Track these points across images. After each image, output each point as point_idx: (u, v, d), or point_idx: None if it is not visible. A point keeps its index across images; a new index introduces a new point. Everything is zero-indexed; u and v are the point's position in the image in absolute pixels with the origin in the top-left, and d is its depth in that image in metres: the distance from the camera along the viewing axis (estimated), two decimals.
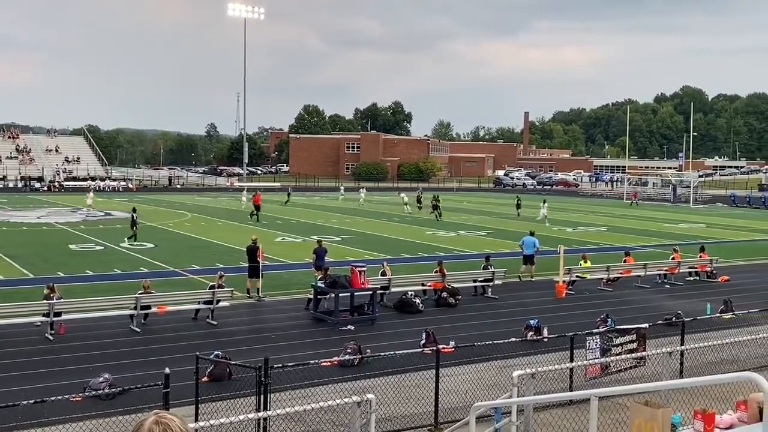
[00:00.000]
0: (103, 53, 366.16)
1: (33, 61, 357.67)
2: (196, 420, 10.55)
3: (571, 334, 13.87)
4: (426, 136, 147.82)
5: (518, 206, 53.13)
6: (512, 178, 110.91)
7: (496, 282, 23.50)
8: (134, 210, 35.47)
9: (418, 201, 54.14)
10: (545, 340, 16.82)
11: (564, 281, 23.98)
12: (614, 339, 13.88)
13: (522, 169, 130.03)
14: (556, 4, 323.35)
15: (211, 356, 13.93)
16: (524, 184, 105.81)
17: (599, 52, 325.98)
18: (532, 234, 27.17)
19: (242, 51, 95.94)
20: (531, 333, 17.60)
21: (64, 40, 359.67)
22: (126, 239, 33.51)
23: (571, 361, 13.20)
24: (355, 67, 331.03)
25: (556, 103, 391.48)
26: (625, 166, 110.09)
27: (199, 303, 19.39)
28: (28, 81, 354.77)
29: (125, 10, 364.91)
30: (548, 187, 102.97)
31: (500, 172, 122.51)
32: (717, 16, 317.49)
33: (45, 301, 17.49)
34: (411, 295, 21.34)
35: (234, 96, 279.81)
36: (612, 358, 13.29)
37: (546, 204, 49.02)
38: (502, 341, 14.43)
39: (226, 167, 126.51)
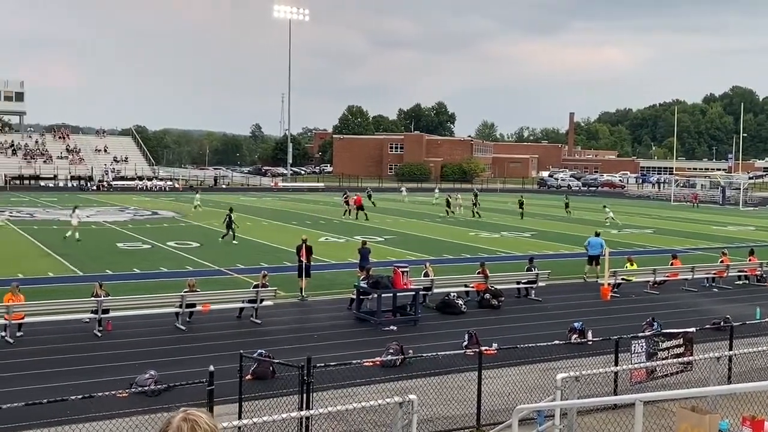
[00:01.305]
0: (151, 55, 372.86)
1: (83, 63, 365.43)
2: (240, 417, 10.66)
3: (616, 337, 13.68)
4: (469, 136, 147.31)
5: (567, 206, 54.20)
6: (557, 179, 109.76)
7: (540, 284, 23.28)
8: (231, 210, 36.10)
9: (447, 204, 52.91)
10: (590, 343, 16.63)
11: (609, 284, 23.67)
12: (660, 343, 13.66)
13: (567, 170, 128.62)
14: (598, 3, 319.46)
15: (255, 354, 14.05)
16: (569, 185, 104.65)
17: (644, 51, 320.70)
18: (597, 234, 26.85)
19: (287, 52, 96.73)
20: (575, 336, 17.41)
21: (113, 42, 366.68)
22: (221, 238, 34.18)
23: (616, 364, 13.01)
24: (398, 68, 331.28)
25: (601, 104, 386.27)
26: (672, 168, 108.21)
27: (243, 302, 19.60)
28: (77, 82, 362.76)
29: (172, 13, 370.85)
30: (593, 188, 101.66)
31: (545, 173, 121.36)
32: (765, 17, 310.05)
33: (93, 299, 17.85)
34: (453, 296, 21.27)
35: (279, 97, 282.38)
36: (658, 362, 13.09)
37: (607, 208, 49.87)
38: (545, 344, 14.30)
39: (270, 167, 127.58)
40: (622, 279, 24.47)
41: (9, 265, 26.50)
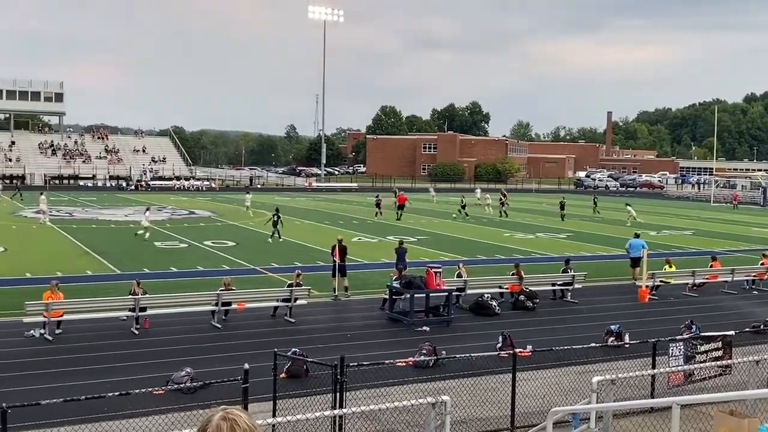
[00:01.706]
0: (189, 57, 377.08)
1: (122, 64, 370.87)
2: (274, 415, 10.72)
3: (653, 340, 13.49)
4: (504, 136, 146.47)
5: (595, 205, 54.48)
6: (594, 179, 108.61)
7: (576, 286, 23.05)
8: (277, 210, 36.59)
9: (462, 207, 51.44)
10: (626, 346, 16.43)
11: (647, 286, 23.35)
12: (699, 346, 13.45)
13: (604, 170, 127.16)
14: (637, 0, 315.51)
15: (289, 353, 14.12)
16: (606, 185, 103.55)
17: (684, 50, 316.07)
18: (637, 236, 26.49)
19: (321, 53, 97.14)
20: (612, 338, 17.20)
21: (151, 44, 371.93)
22: (269, 238, 34.64)
23: (653, 367, 12.83)
24: (432, 68, 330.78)
25: (640, 103, 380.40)
26: (712, 168, 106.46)
27: (277, 301, 19.72)
28: (116, 84, 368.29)
29: (208, 15, 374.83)
30: (632, 189, 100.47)
31: (581, 174, 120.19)
32: None
33: (131, 297, 18.09)
34: (487, 297, 21.15)
35: (313, 97, 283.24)
36: (696, 365, 12.88)
37: (630, 207, 49.17)
38: (581, 346, 14.15)
39: (304, 167, 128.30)
40: (661, 281, 24.12)
41: (49, 263, 27.00)
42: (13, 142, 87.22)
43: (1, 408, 8.36)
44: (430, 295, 19.85)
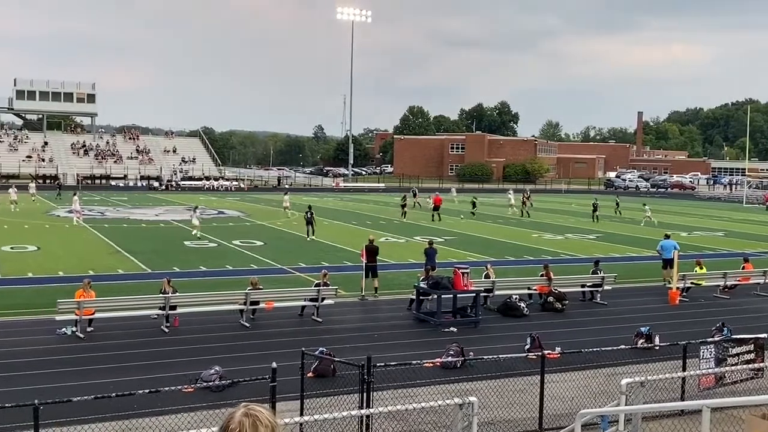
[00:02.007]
0: (216, 58, 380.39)
1: (151, 65, 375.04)
2: (301, 414, 10.77)
3: (684, 342, 13.33)
4: (533, 136, 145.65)
5: (617, 204, 54.05)
6: (624, 180, 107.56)
7: (606, 287, 22.84)
8: (310, 207, 37.31)
9: (473, 206, 51.12)
10: (656, 348, 16.25)
11: (678, 288, 23.08)
12: (730, 349, 13.26)
13: (635, 170, 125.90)
14: (667, 0, 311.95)
15: (316, 352, 14.17)
16: (637, 186, 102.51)
17: (715, 49, 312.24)
18: (667, 237, 26.17)
19: (349, 53, 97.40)
20: (641, 341, 17.03)
21: (179, 45, 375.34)
22: (308, 238, 35.24)
23: (684, 370, 12.68)
24: (460, 68, 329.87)
25: (671, 103, 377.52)
26: (744, 169, 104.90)
27: (305, 300, 19.81)
28: (147, 85, 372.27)
29: (236, 16, 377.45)
30: (662, 189, 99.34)
31: (612, 174, 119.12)
32: None
33: (161, 295, 18.28)
34: (516, 298, 21.05)
35: (341, 98, 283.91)
36: (727, 368, 12.70)
37: (647, 206, 48.96)
38: (610, 348, 14.02)
39: (332, 168, 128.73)
40: (691, 283, 23.82)
41: (81, 262, 27.38)
42: (46, 143, 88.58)
43: (33, 404, 8.50)
44: (458, 295, 19.80)
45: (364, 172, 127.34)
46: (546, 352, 13.71)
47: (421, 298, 20.10)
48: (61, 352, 15.88)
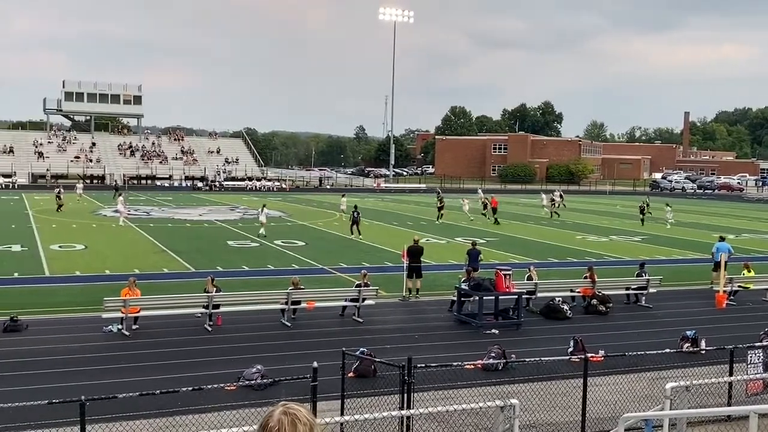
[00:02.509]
0: (259, 59, 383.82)
1: (196, 67, 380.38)
2: (342, 414, 10.80)
3: (731, 347, 13.05)
4: (577, 137, 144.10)
5: (647, 205, 52.66)
6: (670, 181, 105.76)
7: (651, 290, 22.49)
8: (356, 207, 38.19)
9: (484, 206, 49.27)
10: (702, 352, 15.94)
11: (725, 291, 22.61)
12: None
13: (681, 171, 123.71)
14: None
15: (357, 353, 14.19)
16: (683, 187, 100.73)
17: (764, 48, 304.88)
18: (722, 239, 25.64)
19: (391, 54, 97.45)
20: (687, 344, 16.72)
21: (222, 47, 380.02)
22: (358, 236, 35.91)
23: (731, 375, 12.41)
24: (503, 67, 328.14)
25: (719, 103, 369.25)
26: None
27: (345, 300, 19.87)
28: (191, 86, 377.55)
29: (278, 17, 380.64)
30: (710, 191, 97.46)
31: (657, 175, 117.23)
32: None
33: (205, 294, 18.50)
34: (558, 301, 20.84)
35: (382, 99, 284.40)
36: None
37: (669, 207, 48.17)
38: (655, 352, 13.80)
39: (373, 168, 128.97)
40: (739, 286, 23.32)
41: (126, 261, 27.87)
42: (93, 144, 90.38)
43: (79, 401, 8.66)
44: (500, 297, 19.66)
45: (405, 173, 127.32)
46: (589, 355, 13.55)
47: (462, 299, 20.00)
48: (107, 349, 16.16)
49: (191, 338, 17.21)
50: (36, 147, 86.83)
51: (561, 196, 56.22)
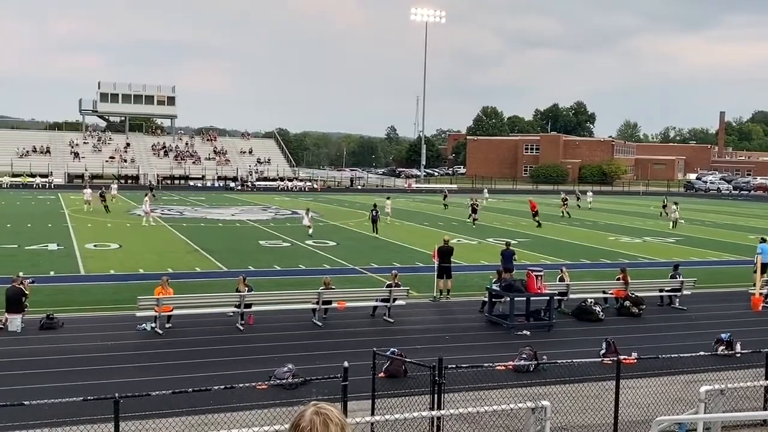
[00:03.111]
0: (292, 60, 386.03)
1: (228, 68, 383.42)
2: (373, 414, 10.82)
3: (767, 350, 12.83)
4: (610, 137, 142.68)
5: (664, 207, 52.53)
6: (705, 182, 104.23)
7: (685, 292, 22.18)
8: (375, 206, 39.08)
9: (473, 210, 45.23)
10: (738, 355, 15.70)
11: (761, 293, 22.22)
12: None
13: (716, 172, 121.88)
14: None
15: (388, 353, 14.20)
16: (718, 188, 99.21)
17: None
18: (764, 241, 25.20)
19: (422, 54, 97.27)
20: (722, 347, 16.48)
21: (255, 48, 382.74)
22: (375, 235, 36.77)
23: (767, 378, 12.21)
24: (535, 67, 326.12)
25: (755, 102, 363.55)
26: None
27: (376, 300, 19.89)
28: (224, 87, 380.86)
29: (310, 18, 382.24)
30: (745, 192, 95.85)
31: (692, 176, 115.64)
32: None
33: (237, 293, 18.65)
34: (591, 302, 20.65)
35: (413, 99, 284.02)
36: None
37: (677, 206, 47.44)
38: (689, 355, 13.62)
39: (404, 169, 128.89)
40: None
41: (160, 260, 28.19)
42: (128, 144, 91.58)
43: (114, 398, 8.78)
44: (531, 298, 19.54)
45: (436, 173, 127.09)
46: (622, 357, 13.41)
47: (493, 300, 19.91)
48: (141, 347, 16.36)
49: (223, 337, 17.35)
50: (72, 147, 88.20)
51: (578, 198, 55.88)
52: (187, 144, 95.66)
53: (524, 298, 19.41)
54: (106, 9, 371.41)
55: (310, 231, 36.68)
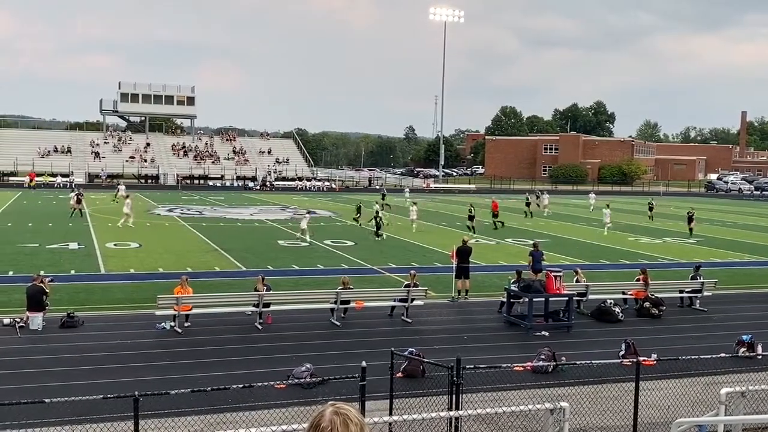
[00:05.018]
0: (311, 60, 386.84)
1: (246, 69, 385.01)
2: (390, 414, 10.81)
3: None
4: (630, 137, 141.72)
5: (650, 209, 51.11)
6: (726, 182, 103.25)
7: (706, 293, 21.99)
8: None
9: (471, 219, 42.56)
10: (759, 357, 15.53)
11: None
12: None
13: (738, 172, 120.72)
14: None
15: (406, 353, 14.19)
16: (740, 189, 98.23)
17: None
18: None
19: (441, 54, 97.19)
20: (743, 349, 16.31)
21: (272, 48, 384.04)
22: (377, 237, 36.14)
23: None
24: (554, 67, 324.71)
25: None
26: None
27: (394, 300, 19.88)
28: (243, 88, 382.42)
29: (329, 18, 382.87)
30: (767, 192, 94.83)
31: (713, 176, 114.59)
32: None
33: (255, 293, 18.71)
34: (610, 303, 20.52)
35: (432, 99, 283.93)
36: None
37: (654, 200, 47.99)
38: (709, 356, 13.48)
39: (422, 169, 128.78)
40: None
41: (179, 259, 28.34)
42: (148, 144, 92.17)
43: (133, 396, 8.84)
44: (550, 299, 19.45)
45: (454, 173, 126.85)
46: (641, 358, 13.30)
47: (511, 300, 19.85)
48: (160, 346, 16.46)
49: (241, 336, 17.42)
50: (93, 147, 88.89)
51: (538, 197, 55.18)
52: (206, 144, 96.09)
53: (543, 299, 19.33)
54: (124, 10, 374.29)
55: (307, 236, 34.19)
